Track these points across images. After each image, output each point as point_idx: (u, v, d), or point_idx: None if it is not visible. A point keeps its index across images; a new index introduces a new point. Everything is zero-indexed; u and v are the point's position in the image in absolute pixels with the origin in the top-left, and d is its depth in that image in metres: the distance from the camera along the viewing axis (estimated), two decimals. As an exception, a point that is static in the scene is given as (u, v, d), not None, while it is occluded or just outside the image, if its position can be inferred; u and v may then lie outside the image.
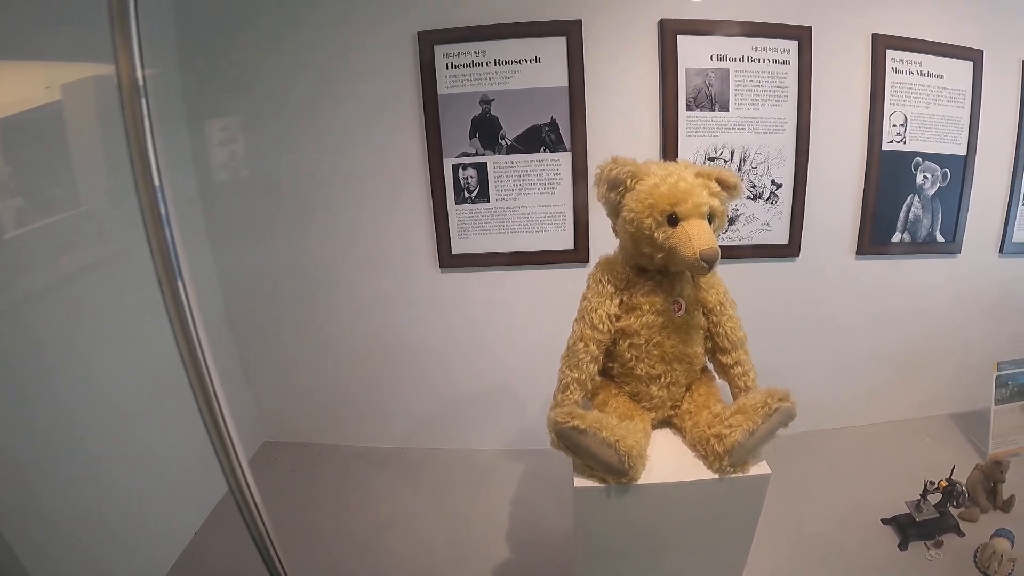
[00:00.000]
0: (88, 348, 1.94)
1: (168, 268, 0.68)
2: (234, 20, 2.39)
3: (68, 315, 1.87)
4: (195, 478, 2.29)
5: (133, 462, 2.09)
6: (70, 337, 1.87)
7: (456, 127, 2.42)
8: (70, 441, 1.83)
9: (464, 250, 2.58)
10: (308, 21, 2.35)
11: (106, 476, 1.97)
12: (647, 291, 1.40)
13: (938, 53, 2.47)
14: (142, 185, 0.65)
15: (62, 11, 1.84)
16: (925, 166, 2.58)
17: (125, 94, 0.63)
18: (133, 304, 2.04)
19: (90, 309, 1.95)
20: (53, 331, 1.81)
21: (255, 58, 2.42)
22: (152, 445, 2.18)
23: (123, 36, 0.61)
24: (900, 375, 2.92)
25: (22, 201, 1.77)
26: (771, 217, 2.55)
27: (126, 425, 2.07)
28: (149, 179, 0.64)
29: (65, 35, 1.85)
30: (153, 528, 2.16)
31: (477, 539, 2.31)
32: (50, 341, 1.81)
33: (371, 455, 2.88)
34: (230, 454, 0.78)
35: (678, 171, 1.32)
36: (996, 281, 2.84)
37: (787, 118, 2.44)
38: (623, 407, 1.43)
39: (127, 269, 2.02)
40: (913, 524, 2.17)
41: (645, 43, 2.36)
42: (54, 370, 1.81)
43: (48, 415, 1.76)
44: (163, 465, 2.22)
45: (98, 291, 1.99)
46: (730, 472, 1.28)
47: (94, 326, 1.96)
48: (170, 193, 0.69)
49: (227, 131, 2.56)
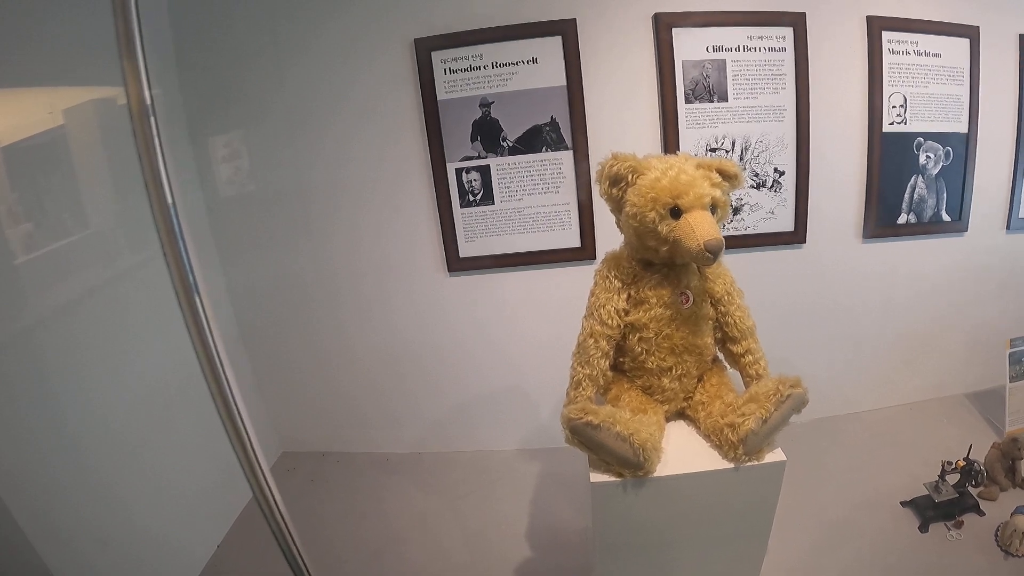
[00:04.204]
0: (95, 370, 1.95)
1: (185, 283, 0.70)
2: (232, 35, 2.41)
3: (75, 338, 1.88)
4: (215, 492, 2.30)
5: (149, 481, 2.09)
6: (77, 360, 1.88)
7: (457, 131, 2.43)
8: (84, 462, 1.84)
9: (471, 253, 2.59)
10: (304, 34, 2.37)
11: (123, 495, 1.98)
12: (654, 284, 1.40)
13: (934, 32, 2.46)
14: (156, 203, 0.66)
15: (62, 37, 1.86)
16: (927, 146, 2.57)
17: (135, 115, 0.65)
18: (140, 325, 2.07)
19: (97, 331, 1.96)
20: (60, 355, 1.82)
21: (255, 73, 2.44)
22: (168, 463, 2.19)
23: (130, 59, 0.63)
24: (912, 357, 2.91)
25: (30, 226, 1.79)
26: (775, 205, 2.55)
27: (140, 444, 2.08)
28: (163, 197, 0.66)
29: (65, 59, 1.88)
30: (174, 545, 2.17)
31: (495, 541, 2.32)
32: (57, 365, 1.82)
33: (388, 461, 2.90)
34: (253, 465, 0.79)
35: (678, 164, 1.33)
36: (1005, 258, 2.83)
37: (786, 105, 2.44)
38: (636, 401, 1.44)
39: (134, 290, 2.05)
40: (933, 505, 2.16)
41: (640, 38, 2.37)
42: (62, 392, 1.82)
43: (60, 437, 1.78)
44: (181, 481, 2.23)
45: (106, 312, 2.00)
46: (745, 460, 1.28)
47: (101, 348, 1.97)
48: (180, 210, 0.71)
49: (231, 147, 2.58)
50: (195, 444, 2.17)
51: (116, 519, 1.93)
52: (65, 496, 1.76)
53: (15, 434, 1.65)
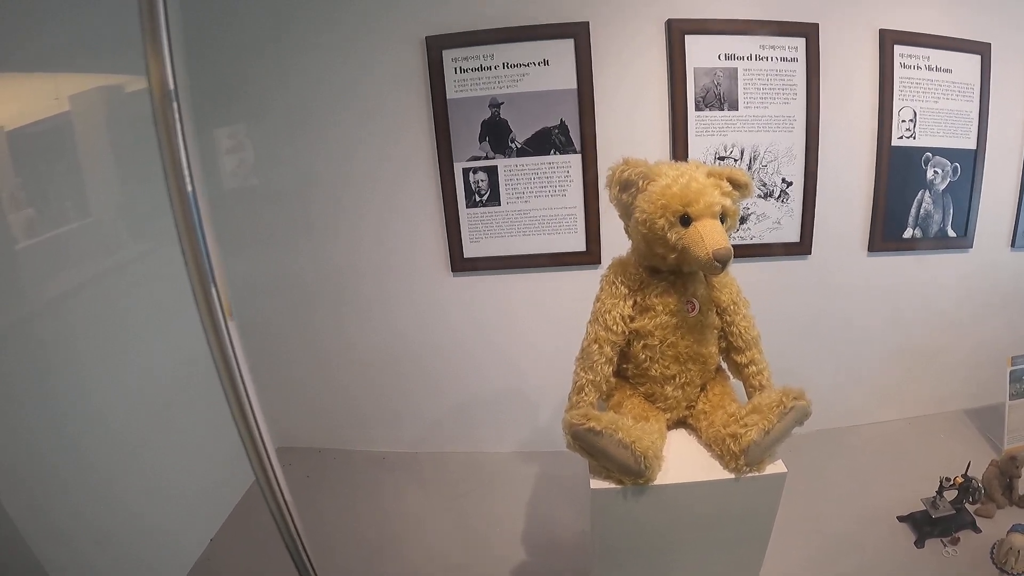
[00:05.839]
0: (95, 361, 1.93)
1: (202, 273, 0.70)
2: (243, 30, 2.41)
3: (75, 329, 1.86)
4: (209, 487, 2.30)
5: (145, 474, 2.08)
6: (76, 351, 1.86)
7: (466, 131, 2.43)
8: (80, 455, 1.82)
9: (476, 254, 2.59)
10: (316, 30, 2.37)
11: (119, 489, 1.96)
12: (660, 292, 1.40)
13: (946, 47, 2.46)
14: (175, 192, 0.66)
15: (69, 22, 1.85)
16: (935, 161, 2.57)
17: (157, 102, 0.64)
18: (141, 317, 2.05)
19: (97, 322, 1.94)
20: (59, 345, 1.80)
21: (265, 67, 2.44)
22: (164, 456, 2.17)
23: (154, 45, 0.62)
24: (914, 371, 2.91)
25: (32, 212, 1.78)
26: (782, 215, 2.55)
27: (137, 437, 2.06)
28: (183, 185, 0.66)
29: (72, 46, 1.87)
30: (167, 538, 2.16)
31: (491, 542, 2.32)
32: (56, 355, 1.79)
33: (385, 460, 2.89)
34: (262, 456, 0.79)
35: (689, 171, 1.33)
36: (1009, 275, 2.82)
37: (796, 116, 2.44)
38: (638, 408, 1.44)
39: (136, 281, 2.03)
40: (929, 521, 2.15)
41: (653, 43, 2.37)
42: (60, 384, 1.80)
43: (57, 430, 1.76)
44: (176, 475, 2.21)
45: (107, 303, 1.98)
46: (746, 471, 1.28)
47: (101, 339, 1.95)
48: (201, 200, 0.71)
49: (235, 140, 2.58)
50: (192, 438, 2.16)
51: (110, 512, 1.91)
52: (60, 490, 1.75)
53: (9, 427, 1.63)
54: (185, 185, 0.66)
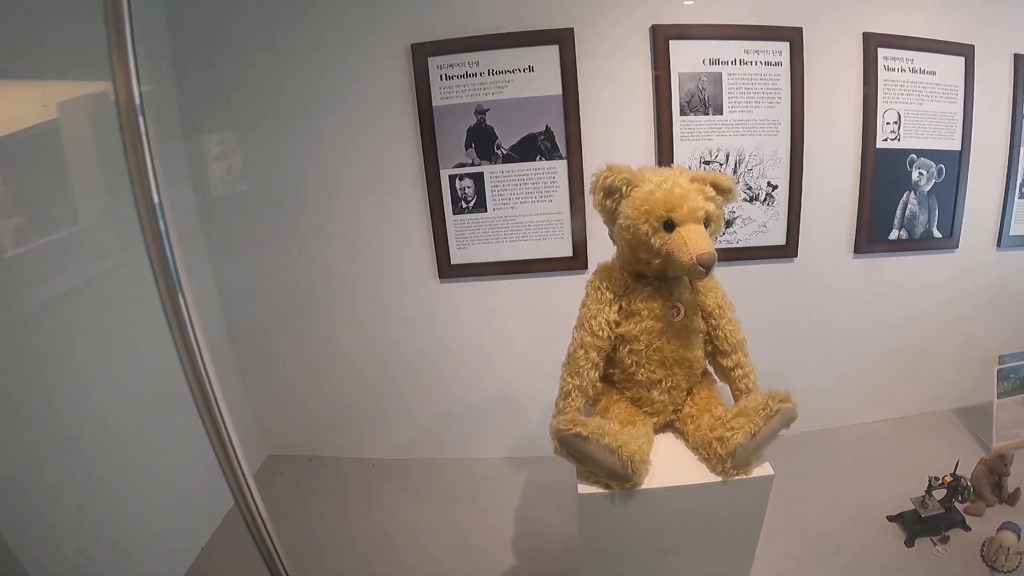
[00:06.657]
0: (86, 367, 1.92)
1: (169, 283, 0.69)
2: (228, 35, 2.40)
3: (66, 334, 1.85)
4: (201, 494, 2.28)
5: (136, 480, 2.07)
6: (67, 356, 1.85)
7: (452, 138, 2.43)
8: (71, 460, 1.81)
9: (463, 260, 2.58)
10: (302, 36, 2.37)
11: (110, 495, 1.95)
12: (646, 296, 1.41)
13: (930, 49, 2.48)
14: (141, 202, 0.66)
15: (57, 29, 1.84)
16: (920, 162, 2.59)
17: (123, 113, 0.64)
18: (131, 322, 2.04)
19: (88, 328, 1.94)
20: (50, 351, 1.80)
21: (251, 73, 2.43)
22: (155, 463, 2.16)
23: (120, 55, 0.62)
24: (901, 372, 2.92)
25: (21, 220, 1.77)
26: (768, 219, 2.56)
27: (128, 443, 2.06)
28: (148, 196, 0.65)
29: (59, 53, 1.86)
30: (158, 546, 2.14)
31: (481, 547, 2.31)
32: (47, 360, 1.79)
33: (375, 466, 2.88)
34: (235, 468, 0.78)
35: (673, 177, 1.33)
36: (995, 275, 2.85)
37: (781, 119, 2.45)
38: (625, 413, 1.44)
39: (125, 286, 2.02)
40: (919, 520, 2.16)
41: (637, 49, 2.37)
42: (52, 389, 1.79)
43: (48, 435, 1.75)
44: (167, 482, 2.20)
45: (96, 309, 1.98)
46: (733, 474, 1.29)
47: (92, 345, 1.95)
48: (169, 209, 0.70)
49: (224, 145, 2.57)
50: (183, 445, 2.14)
51: (101, 519, 1.90)
52: (49, 498, 1.73)
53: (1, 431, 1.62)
54: (151, 195, 0.65)
